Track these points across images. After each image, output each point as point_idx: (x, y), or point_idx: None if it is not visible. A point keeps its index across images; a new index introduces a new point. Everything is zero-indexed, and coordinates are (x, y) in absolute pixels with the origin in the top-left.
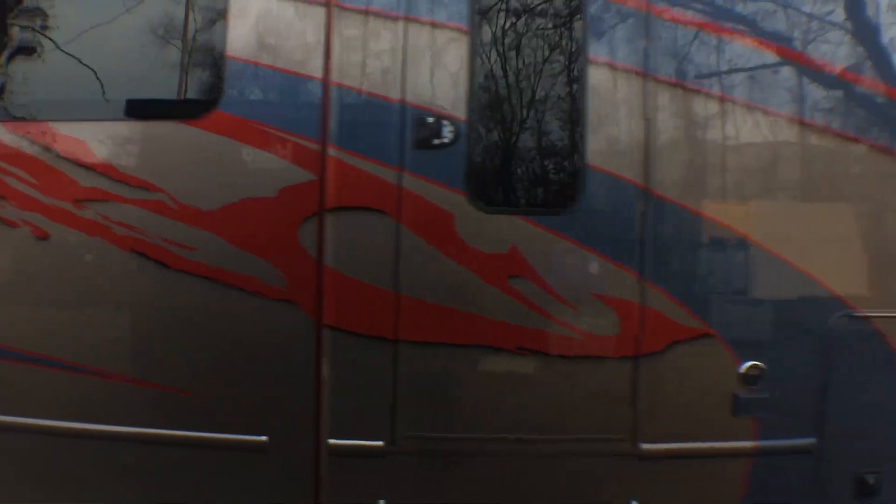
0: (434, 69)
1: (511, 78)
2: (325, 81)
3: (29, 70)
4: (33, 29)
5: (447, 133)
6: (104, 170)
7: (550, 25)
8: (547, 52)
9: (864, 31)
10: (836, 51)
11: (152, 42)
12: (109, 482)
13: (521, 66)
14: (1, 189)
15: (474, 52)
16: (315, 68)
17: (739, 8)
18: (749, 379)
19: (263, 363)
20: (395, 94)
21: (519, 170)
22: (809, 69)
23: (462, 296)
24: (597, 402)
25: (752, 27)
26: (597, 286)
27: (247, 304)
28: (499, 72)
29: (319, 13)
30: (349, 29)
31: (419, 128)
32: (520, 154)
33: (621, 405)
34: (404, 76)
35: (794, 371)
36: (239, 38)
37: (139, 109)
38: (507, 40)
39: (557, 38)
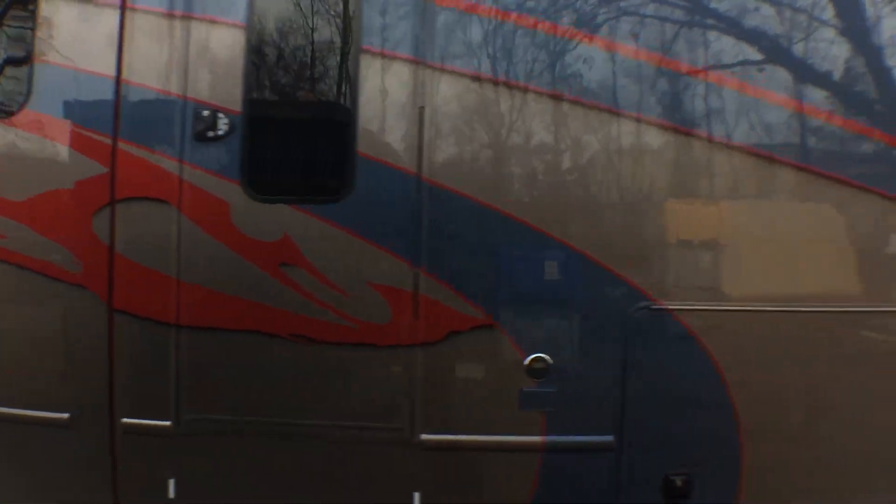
0: (212, 64)
1: (286, 70)
2: (118, 79)
3: None
4: None
5: (222, 125)
6: None
7: (323, 15)
8: (320, 43)
9: None
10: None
11: None
12: None
13: (295, 57)
14: None
15: (250, 46)
16: (108, 67)
17: None
18: (534, 372)
19: (67, 344)
20: (177, 90)
21: (292, 159)
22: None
23: (238, 283)
24: (374, 390)
25: (525, 10)
26: (369, 274)
27: (49, 289)
28: (274, 65)
29: (113, 15)
30: (139, 29)
31: (197, 121)
32: (293, 144)
33: (398, 394)
34: (185, 72)
35: (587, 365)
36: (44, 41)
37: None
38: (282, 33)
39: (330, 28)
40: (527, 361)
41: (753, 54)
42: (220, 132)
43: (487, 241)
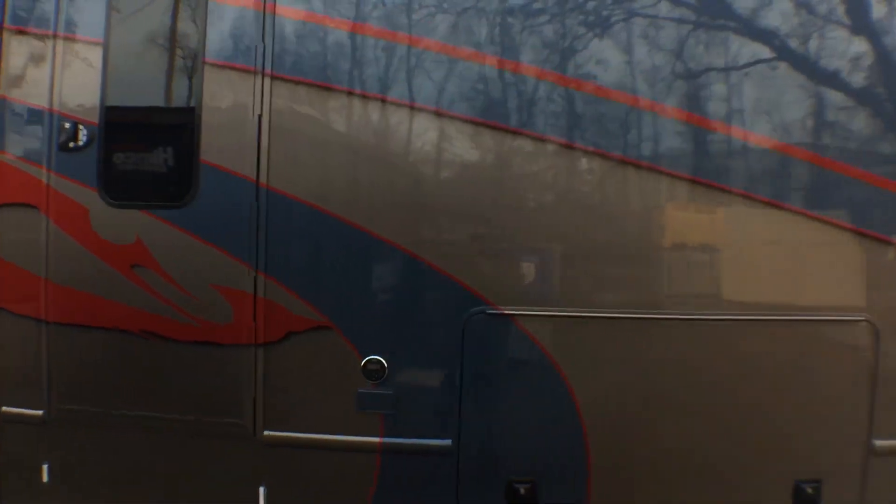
0: (74, 79)
1: (139, 83)
2: None
3: None
4: None
5: (83, 136)
6: None
7: (171, 30)
8: (168, 57)
9: None
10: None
11: None
12: None
13: (147, 71)
14: None
15: (107, 61)
16: None
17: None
18: (370, 373)
19: None
20: (45, 103)
21: (143, 167)
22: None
23: (95, 282)
24: (219, 387)
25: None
26: (213, 277)
27: None
28: (128, 78)
29: None
30: (15, 48)
31: (61, 132)
32: (143, 152)
33: (242, 391)
34: (52, 86)
35: (423, 367)
36: None
37: None
38: (135, 49)
39: (177, 42)
40: (363, 363)
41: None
42: (80, 142)
43: (322, 244)
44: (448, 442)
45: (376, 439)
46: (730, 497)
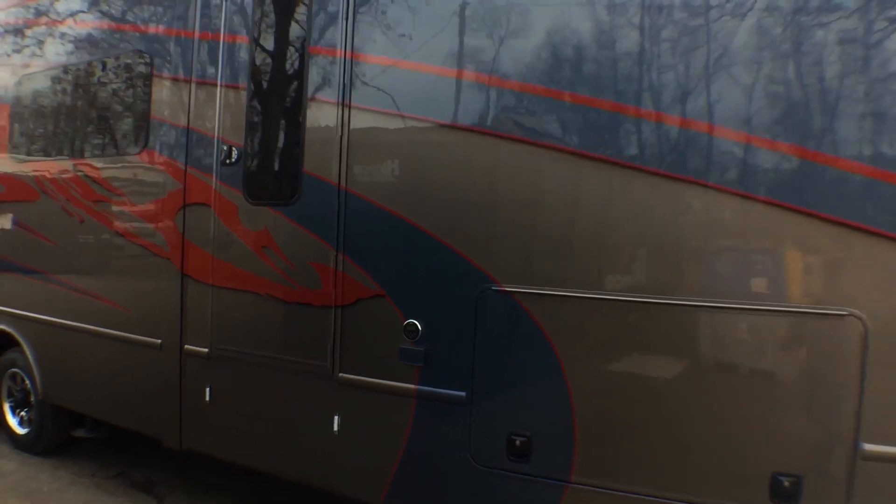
0: (231, 114)
1: (266, 117)
2: (187, 127)
3: None
4: None
5: (235, 155)
6: None
7: (284, 77)
8: (283, 98)
9: None
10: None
11: None
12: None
13: (271, 109)
14: None
15: (248, 102)
16: (177, 117)
17: None
18: (409, 333)
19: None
20: (214, 132)
21: (269, 176)
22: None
23: (241, 258)
24: (310, 337)
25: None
26: (310, 255)
27: (151, 261)
28: (260, 114)
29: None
30: (196, 95)
31: (222, 153)
32: (270, 166)
33: (325, 342)
34: (218, 120)
35: (447, 331)
36: (157, 104)
37: None
38: (265, 94)
39: (288, 86)
40: (404, 324)
41: None
42: (233, 159)
43: (379, 231)
44: (463, 394)
45: (413, 386)
46: (706, 476)
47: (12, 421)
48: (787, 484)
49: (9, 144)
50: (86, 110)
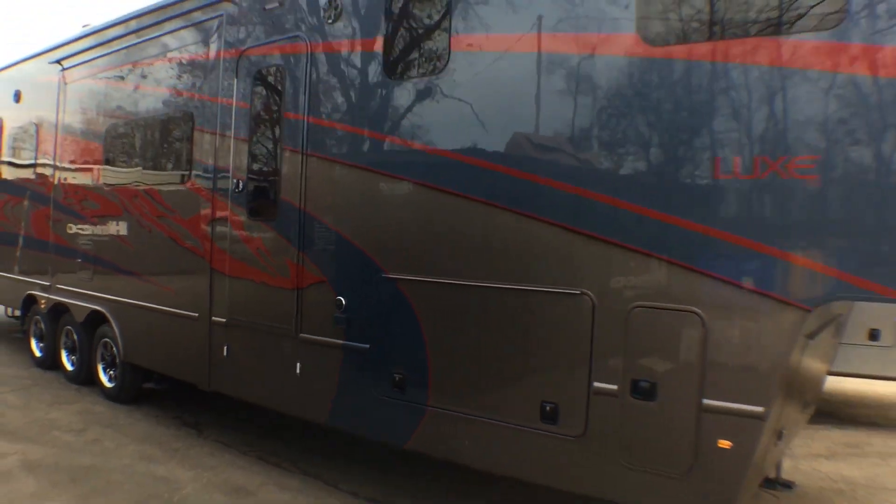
0: (239, 157)
1: (259, 160)
2: (214, 165)
3: None
4: None
5: (241, 185)
6: None
7: (276, 131)
8: (268, 148)
9: None
10: None
11: None
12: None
13: (262, 154)
14: None
15: (249, 149)
16: (208, 158)
17: None
18: (338, 306)
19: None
20: (229, 170)
21: (261, 200)
22: None
23: (245, 255)
24: (283, 309)
25: None
26: (284, 254)
27: (192, 258)
28: (255, 158)
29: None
30: (209, 140)
31: (233, 183)
32: (261, 192)
33: (291, 312)
34: (231, 162)
35: (359, 305)
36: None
37: None
38: (257, 143)
39: (271, 139)
40: (335, 300)
41: None
42: (239, 188)
43: (322, 238)
44: (367, 346)
45: (341, 341)
46: (504, 403)
47: (103, 377)
48: (549, 409)
49: (102, 175)
50: (151, 151)
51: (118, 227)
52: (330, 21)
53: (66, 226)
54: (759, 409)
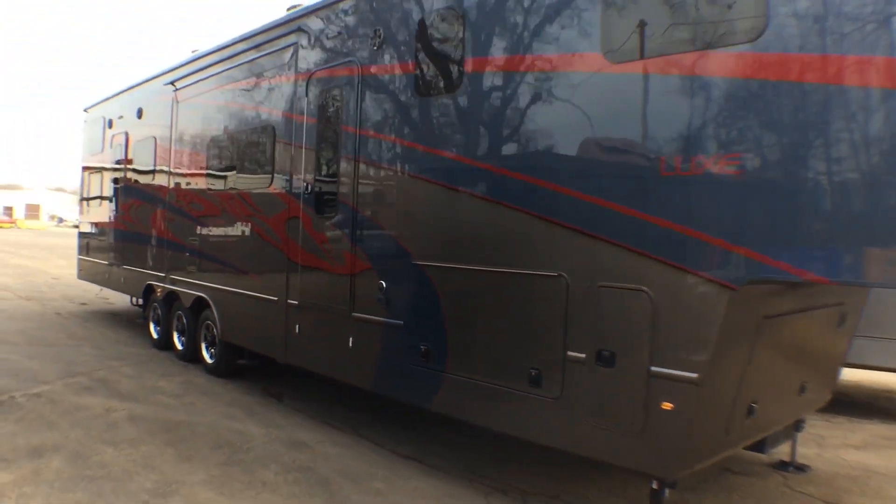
0: (309, 165)
1: (322, 166)
2: (290, 172)
3: None
4: None
5: (310, 188)
6: None
7: (331, 144)
8: (329, 155)
9: None
10: None
11: None
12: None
13: (324, 161)
14: None
15: (316, 157)
16: (286, 166)
17: None
18: (380, 289)
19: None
20: (301, 175)
21: (324, 200)
22: None
23: (313, 248)
24: (341, 292)
25: None
26: (341, 245)
27: (272, 251)
28: (320, 164)
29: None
30: (294, 152)
31: (304, 186)
32: (324, 194)
33: (346, 294)
34: (303, 168)
35: (395, 287)
36: None
37: None
38: (321, 152)
39: (331, 149)
40: (378, 283)
41: None
42: (309, 192)
43: (368, 232)
44: (402, 322)
45: (382, 319)
46: (502, 370)
47: (205, 355)
48: (534, 374)
49: (204, 181)
50: (242, 159)
51: (217, 226)
52: (375, 48)
53: (177, 225)
54: (694, 375)
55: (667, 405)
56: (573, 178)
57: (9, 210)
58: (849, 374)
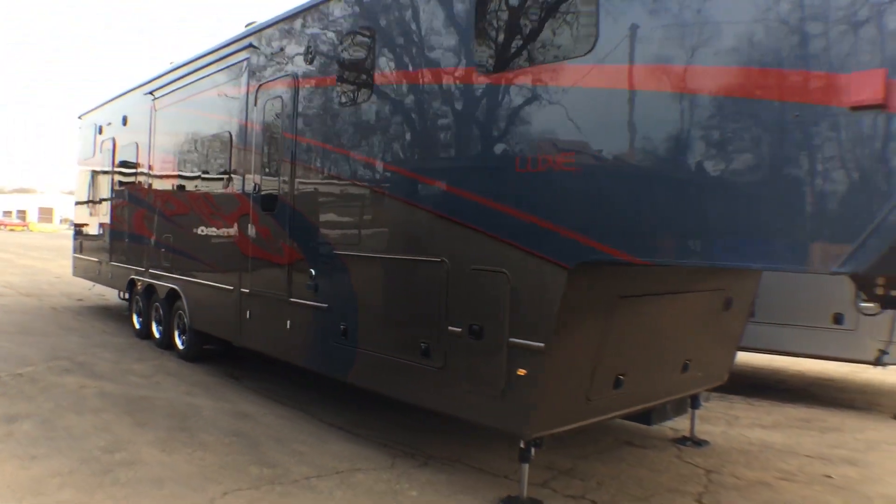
0: (258, 166)
1: (266, 168)
2: (243, 173)
3: None
4: None
5: (258, 188)
6: None
7: (276, 150)
8: (271, 158)
9: None
10: None
11: None
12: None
13: (267, 163)
14: None
15: (261, 161)
16: (240, 168)
17: None
18: (310, 276)
19: None
20: (251, 176)
21: (268, 199)
22: None
23: (259, 241)
24: (280, 280)
25: None
26: (280, 238)
27: (229, 244)
28: (265, 167)
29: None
30: (245, 156)
31: (254, 187)
32: (268, 193)
33: (283, 281)
34: (252, 170)
35: (321, 273)
36: None
37: None
38: (266, 155)
39: (274, 152)
40: (309, 271)
41: None
42: (257, 191)
43: (302, 225)
44: (326, 305)
45: (312, 303)
46: (376, 345)
47: (178, 342)
48: (424, 347)
49: (175, 182)
50: (206, 163)
51: (187, 223)
52: (308, 63)
53: (155, 223)
54: (541, 344)
55: (521, 371)
56: (451, 175)
57: (22, 213)
58: (793, 363)
